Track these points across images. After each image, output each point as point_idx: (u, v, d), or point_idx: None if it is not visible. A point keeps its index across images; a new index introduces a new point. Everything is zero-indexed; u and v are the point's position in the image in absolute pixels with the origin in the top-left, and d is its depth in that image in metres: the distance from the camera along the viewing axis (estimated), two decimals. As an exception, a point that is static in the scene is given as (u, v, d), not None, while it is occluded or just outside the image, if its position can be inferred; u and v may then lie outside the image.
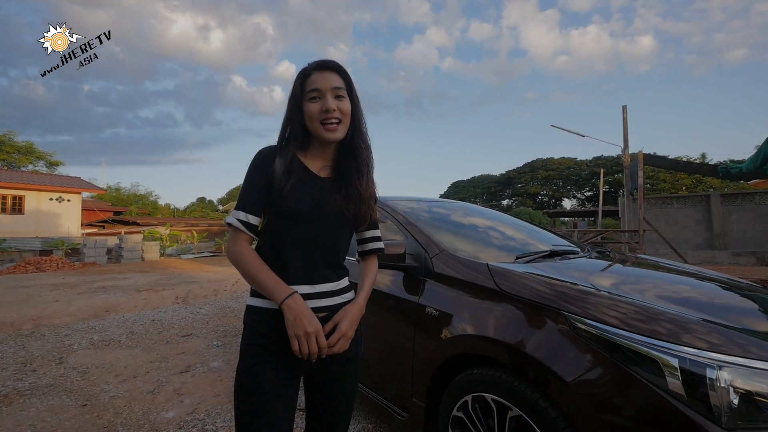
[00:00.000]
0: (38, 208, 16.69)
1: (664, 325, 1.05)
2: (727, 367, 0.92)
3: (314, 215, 0.95)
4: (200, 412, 2.25)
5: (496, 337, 1.27)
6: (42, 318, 4.65)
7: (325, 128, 0.94)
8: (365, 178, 1.01)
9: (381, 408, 1.77)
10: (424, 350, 1.53)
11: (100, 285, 7.54)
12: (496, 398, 1.24)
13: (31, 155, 27.03)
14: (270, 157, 0.96)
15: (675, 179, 26.08)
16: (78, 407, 2.32)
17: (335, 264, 1.00)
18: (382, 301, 1.81)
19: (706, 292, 1.57)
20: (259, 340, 0.92)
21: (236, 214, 0.93)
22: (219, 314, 4.88)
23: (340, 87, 0.96)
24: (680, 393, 0.92)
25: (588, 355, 1.07)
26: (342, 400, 1.01)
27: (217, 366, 3.01)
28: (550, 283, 1.31)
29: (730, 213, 12.36)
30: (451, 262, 1.60)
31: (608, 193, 36.26)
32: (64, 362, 3.11)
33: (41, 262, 10.74)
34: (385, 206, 2.14)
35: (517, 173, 49.11)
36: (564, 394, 1.07)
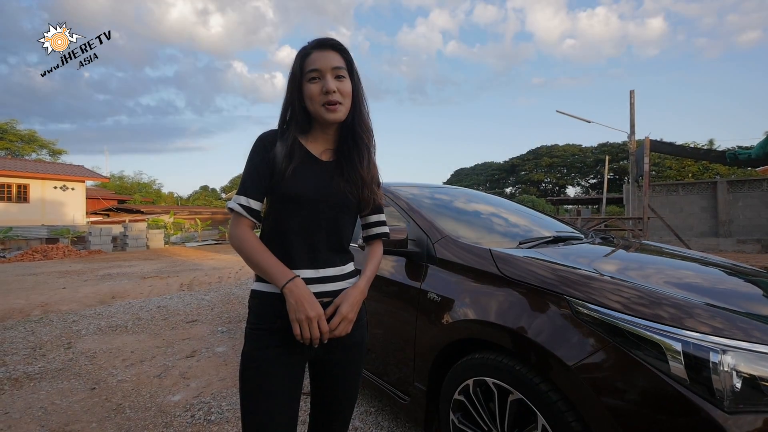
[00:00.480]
0: (43, 197, 16.80)
1: (667, 309, 1.04)
2: (731, 351, 0.91)
3: (317, 199, 0.93)
4: (206, 395, 2.30)
5: (498, 321, 1.27)
6: (50, 304, 4.73)
7: (325, 109, 0.91)
8: (366, 160, 0.99)
9: (383, 392, 1.79)
10: (426, 335, 1.53)
11: (106, 272, 7.63)
12: (498, 382, 1.24)
13: (34, 144, 27.08)
14: (271, 141, 0.95)
15: (681, 166, 25.76)
16: (87, 390, 2.37)
17: (339, 248, 0.99)
18: (384, 287, 1.81)
19: (710, 277, 1.56)
20: (264, 325, 0.91)
21: (237, 199, 0.92)
22: (223, 301, 4.94)
23: (341, 67, 0.93)
24: (682, 377, 0.92)
25: (590, 339, 1.07)
26: (346, 385, 1.02)
27: (222, 351, 3.06)
28: (552, 268, 1.30)
29: (737, 200, 12.23)
30: (454, 248, 1.59)
31: (613, 180, 35.93)
32: (72, 347, 3.17)
33: (48, 250, 10.88)
34: (388, 192, 2.12)
35: (521, 160, 48.70)
36: (565, 378, 1.07)
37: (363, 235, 1.11)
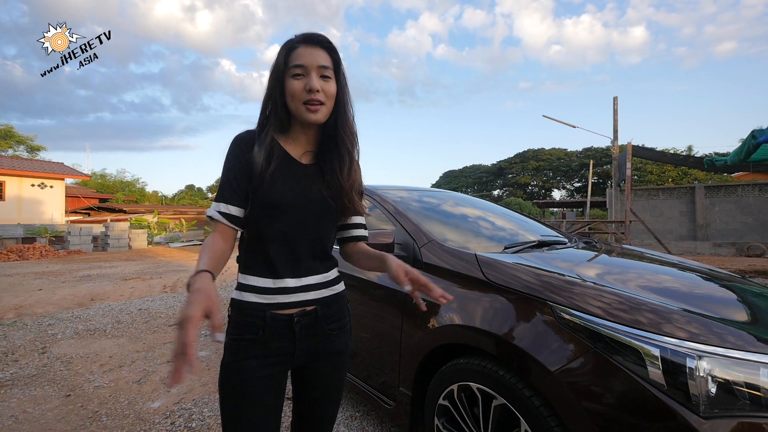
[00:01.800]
0: (20, 195, 16.22)
1: (646, 314, 1.07)
2: (707, 357, 0.94)
3: (297, 205, 0.89)
4: (187, 401, 2.24)
5: (482, 327, 1.28)
6: (24, 307, 4.55)
7: (306, 108, 0.87)
8: (347, 167, 0.95)
9: (368, 396, 1.78)
10: (412, 340, 1.53)
11: (86, 273, 7.40)
12: (482, 387, 1.25)
13: (10, 139, 26.11)
14: (248, 142, 0.90)
15: (662, 171, 26.51)
16: (61, 398, 2.28)
17: (322, 255, 0.96)
18: (370, 291, 1.80)
19: (687, 282, 1.60)
20: (243, 335, 0.88)
21: (217, 206, 0.86)
22: (207, 303, 4.84)
23: (327, 66, 0.89)
24: (660, 382, 0.94)
25: (572, 344, 1.08)
26: (330, 393, 0.99)
27: (205, 355, 3.00)
28: (536, 274, 1.31)
29: (714, 205, 12.64)
30: (440, 252, 1.59)
31: (597, 184, 36.74)
32: (47, 352, 3.05)
33: (24, 250, 10.49)
34: (375, 195, 2.11)
35: (509, 163, 49.36)
36: (547, 383, 1.08)
37: (338, 236, 1.05)
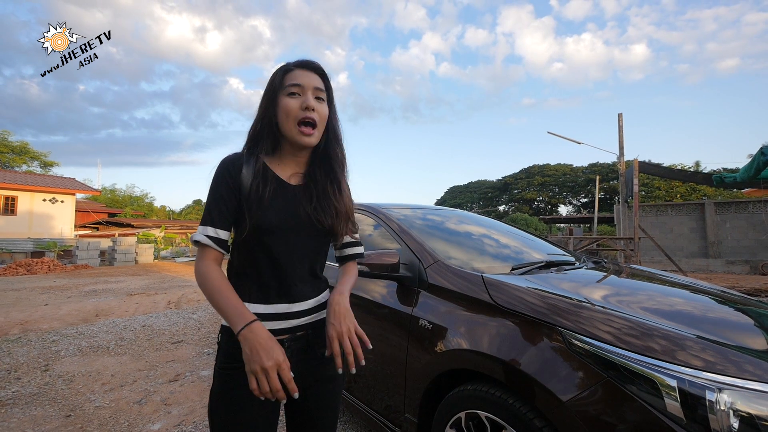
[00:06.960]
0: (31, 209, 16.50)
1: (659, 341, 1.03)
2: (727, 389, 0.89)
3: (287, 228, 0.88)
4: (188, 423, 2.20)
5: (490, 352, 1.24)
6: (30, 322, 4.56)
7: (300, 130, 0.88)
8: (338, 188, 0.95)
9: (371, 421, 1.73)
10: (418, 363, 1.49)
11: (92, 288, 7.43)
12: (490, 416, 1.20)
13: (25, 155, 26.81)
14: (236, 164, 0.88)
15: (670, 187, 26.29)
16: (61, 418, 2.25)
17: (313, 277, 0.95)
18: (375, 310, 1.77)
19: (700, 306, 1.55)
20: (233, 364, 0.85)
21: (204, 230, 0.84)
22: (211, 320, 4.81)
23: (322, 89, 0.92)
24: (678, 416, 0.89)
25: (584, 373, 1.04)
26: (323, 420, 0.96)
27: (207, 375, 2.95)
28: (545, 297, 1.28)
29: (724, 221, 12.45)
30: (446, 273, 1.57)
31: (604, 199, 36.48)
32: (49, 370, 3.03)
33: (32, 264, 10.60)
34: (379, 213, 2.11)
35: (514, 179, 49.32)
36: (559, 414, 1.04)
37: (336, 255, 1.06)
